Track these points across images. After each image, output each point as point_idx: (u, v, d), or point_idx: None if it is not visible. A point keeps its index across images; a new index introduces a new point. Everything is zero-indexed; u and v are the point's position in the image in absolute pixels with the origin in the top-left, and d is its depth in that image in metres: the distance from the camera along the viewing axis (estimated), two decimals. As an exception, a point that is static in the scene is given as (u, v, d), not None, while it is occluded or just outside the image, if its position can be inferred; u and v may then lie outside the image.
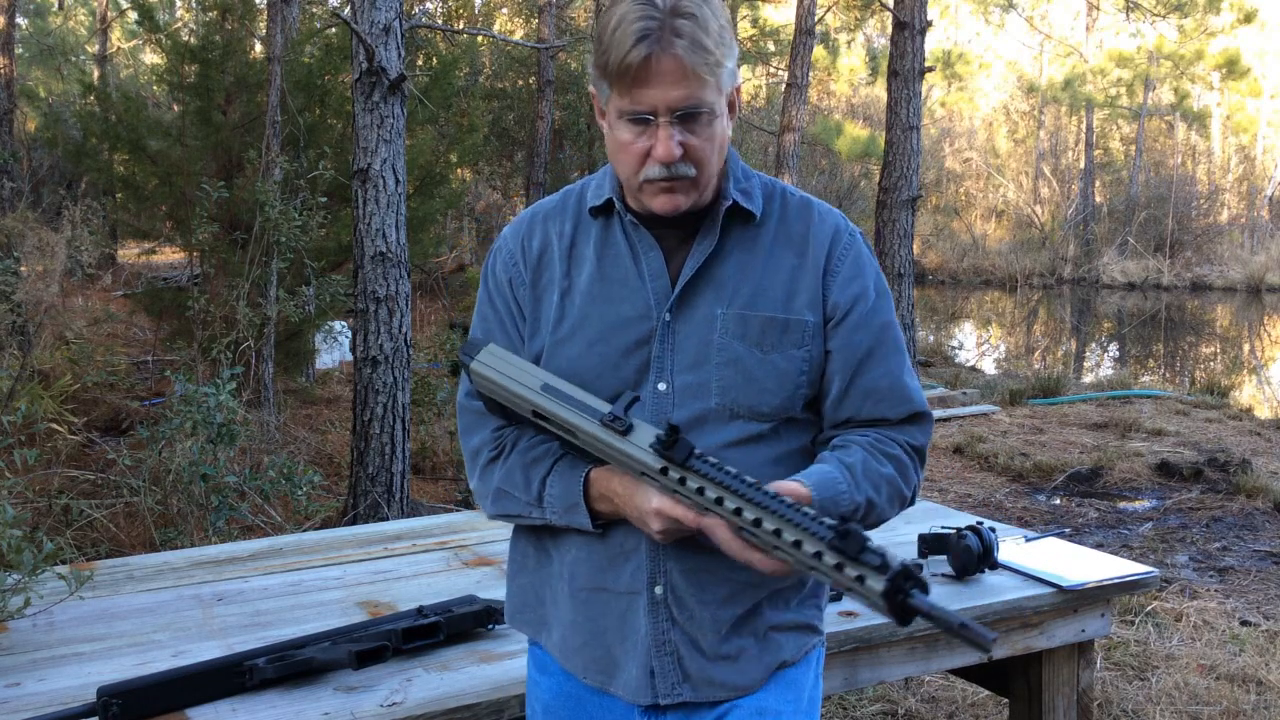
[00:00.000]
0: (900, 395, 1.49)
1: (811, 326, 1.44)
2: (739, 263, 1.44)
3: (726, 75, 1.36)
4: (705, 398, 1.41)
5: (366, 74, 4.79)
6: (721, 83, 1.35)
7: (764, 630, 1.47)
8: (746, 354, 1.41)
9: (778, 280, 1.44)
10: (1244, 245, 24.31)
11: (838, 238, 1.49)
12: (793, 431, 1.47)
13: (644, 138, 1.34)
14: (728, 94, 1.38)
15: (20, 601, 1.98)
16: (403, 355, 4.96)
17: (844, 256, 1.48)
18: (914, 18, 9.31)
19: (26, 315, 6.59)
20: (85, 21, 23.77)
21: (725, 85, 1.36)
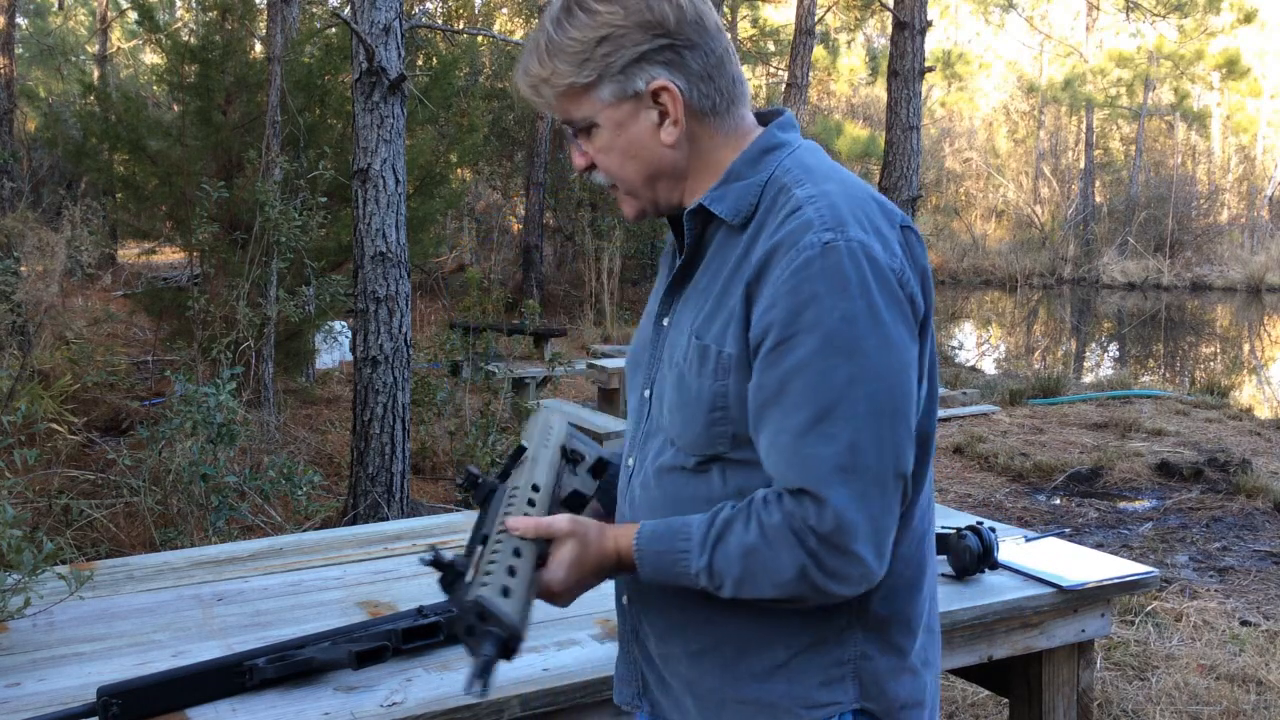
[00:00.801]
0: (788, 460, 1.20)
1: (727, 359, 1.25)
2: (710, 275, 1.32)
3: (593, 90, 1.29)
4: (660, 412, 1.35)
5: (366, 74, 4.79)
6: (589, 97, 1.29)
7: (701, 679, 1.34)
8: (687, 376, 1.29)
9: (728, 300, 1.27)
10: (1244, 245, 24.32)
11: (778, 248, 1.22)
12: (737, 475, 1.28)
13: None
14: (609, 103, 1.29)
15: (20, 601, 1.98)
16: (403, 355, 4.96)
17: (778, 273, 1.20)
18: (914, 18, 9.31)
19: (26, 315, 6.59)
20: (85, 21, 23.77)
21: (599, 96, 1.29)
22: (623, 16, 1.26)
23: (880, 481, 1.19)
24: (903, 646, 1.32)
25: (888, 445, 1.19)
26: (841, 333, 1.17)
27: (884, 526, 1.20)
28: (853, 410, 1.17)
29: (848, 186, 1.27)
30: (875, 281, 1.19)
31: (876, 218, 1.24)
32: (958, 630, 2.12)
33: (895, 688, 1.32)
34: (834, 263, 1.18)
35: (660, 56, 1.27)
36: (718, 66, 1.31)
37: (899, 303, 1.21)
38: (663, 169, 1.33)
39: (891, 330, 1.19)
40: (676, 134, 1.31)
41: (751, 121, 1.37)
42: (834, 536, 1.18)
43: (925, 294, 1.26)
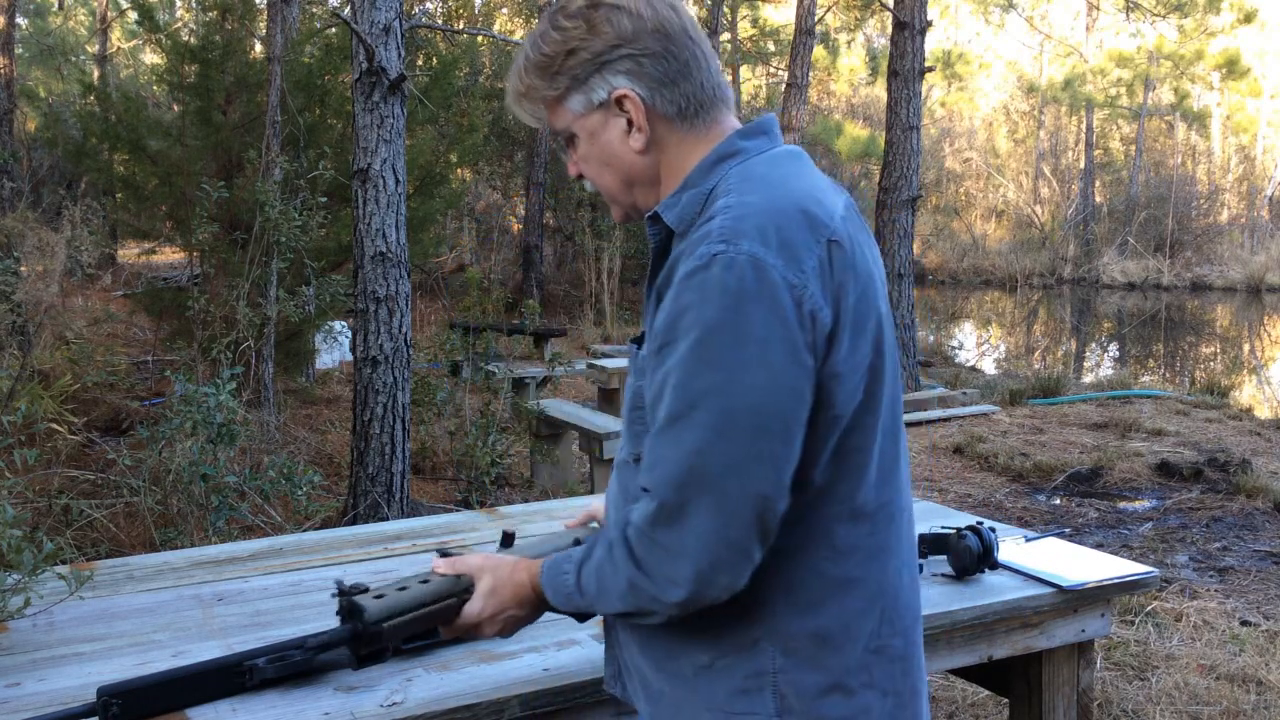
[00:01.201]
0: (647, 457, 1.26)
1: (642, 360, 1.31)
2: (662, 279, 1.35)
3: (565, 101, 1.37)
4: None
5: (366, 74, 4.79)
6: (563, 108, 1.37)
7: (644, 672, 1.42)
8: (629, 377, 1.38)
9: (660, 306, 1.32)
10: (1244, 245, 24.33)
11: (681, 255, 1.26)
12: None
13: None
14: (580, 114, 1.36)
15: (20, 601, 1.98)
16: (403, 355, 4.96)
17: (676, 279, 1.24)
18: (914, 18, 9.31)
19: (26, 315, 6.59)
20: (85, 21, 23.78)
21: (572, 107, 1.37)
22: (585, 30, 1.33)
23: (720, 494, 1.20)
24: (829, 665, 1.31)
25: (735, 461, 1.19)
26: (706, 343, 1.19)
27: (723, 540, 1.20)
28: (704, 420, 1.19)
29: (773, 198, 1.26)
30: (756, 297, 1.18)
31: (790, 231, 1.23)
32: (958, 630, 2.12)
33: (822, 707, 1.31)
34: (715, 274, 1.19)
35: (620, 65, 1.33)
36: (682, 72, 1.34)
37: (783, 321, 1.19)
38: (635, 175, 1.38)
39: (762, 348, 1.19)
40: (643, 140, 1.35)
41: (728, 127, 1.38)
42: (660, 537, 1.22)
43: (840, 312, 1.24)
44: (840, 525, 1.30)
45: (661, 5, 1.35)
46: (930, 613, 2.07)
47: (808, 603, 1.30)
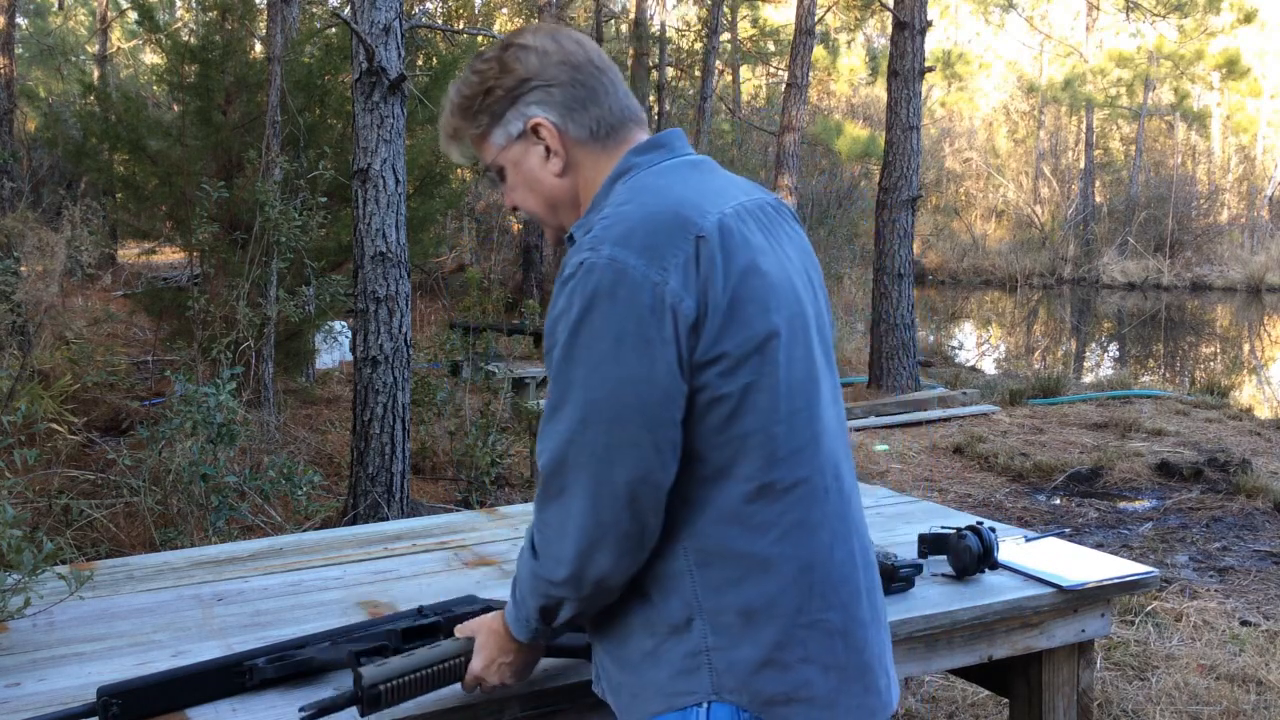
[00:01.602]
0: (539, 468, 1.39)
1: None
2: None
3: (489, 136, 1.49)
4: None
5: (366, 74, 4.79)
6: (488, 143, 1.50)
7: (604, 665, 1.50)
8: None
9: None
10: (1244, 245, 24.33)
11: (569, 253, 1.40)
12: None
13: None
14: (503, 146, 1.49)
15: (20, 601, 1.98)
16: (403, 355, 4.96)
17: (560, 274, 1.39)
18: (914, 18, 9.31)
19: (26, 315, 6.59)
20: (85, 21, 23.77)
21: (495, 141, 1.49)
22: (498, 70, 1.47)
23: (589, 478, 1.31)
24: (759, 639, 1.35)
25: (600, 447, 1.30)
26: (571, 342, 1.31)
27: (596, 520, 1.32)
28: (571, 412, 1.32)
29: (647, 204, 1.36)
30: (612, 296, 1.29)
31: (655, 234, 1.32)
32: (958, 630, 2.12)
33: (757, 682, 1.36)
34: (579, 279, 1.31)
35: (532, 97, 1.46)
36: (590, 97, 1.46)
37: (639, 317, 1.29)
38: (557, 198, 1.50)
39: (617, 344, 1.29)
40: (560, 163, 1.47)
41: (635, 140, 1.49)
42: (544, 518, 1.37)
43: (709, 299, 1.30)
44: (751, 504, 1.36)
45: (566, 40, 1.48)
46: (930, 613, 2.08)
47: (727, 580, 1.36)
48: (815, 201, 19.31)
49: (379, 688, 1.53)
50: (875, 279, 9.74)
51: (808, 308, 1.44)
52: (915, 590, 2.17)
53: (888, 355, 9.46)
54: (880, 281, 9.60)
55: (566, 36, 1.49)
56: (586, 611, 1.42)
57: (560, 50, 1.46)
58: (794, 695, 1.37)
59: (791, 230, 1.51)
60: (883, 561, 2.13)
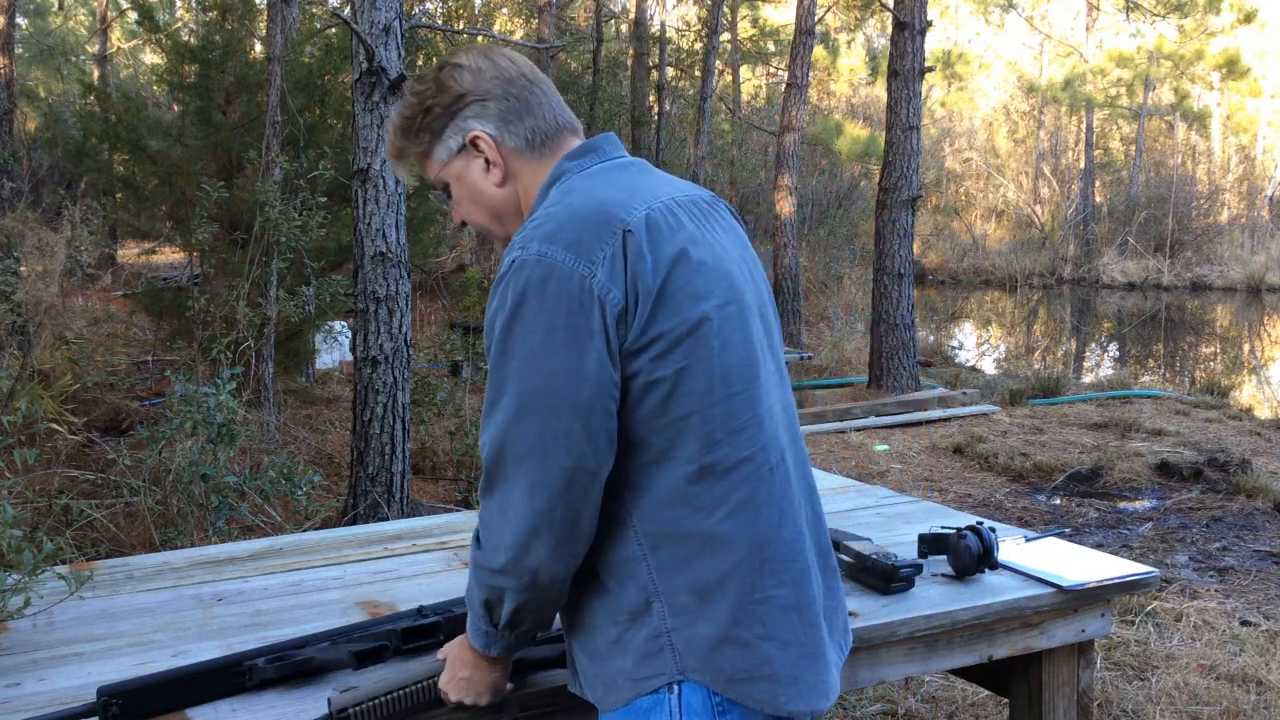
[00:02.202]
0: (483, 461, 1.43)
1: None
2: None
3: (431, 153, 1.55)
4: None
5: (366, 74, 4.79)
6: (431, 160, 1.56)
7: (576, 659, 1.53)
8: None
9: None
10: (1244, 245, 24.32)
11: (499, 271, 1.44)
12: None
13: None
14: (445, 162, 1.54)
15: (20, 601, 1.98)
16: (403, 355, 4.96)
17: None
18: (914, 18, 9.31)
19: (26, 315, 6.59)
20: (85, 21, 23.77)
21: (437, 158, 1.55)
22: (435, 89, 1.53)
23: (525, 468, 1.35)
24: (715, 618, 1.38)
25: (534, 438, 1.34)
26: (504, 338, 1.36)
27: (532, 508, 1.35)
28: (506, 405, 1.36)
29: (574, 204, 1.41)
30: (541, 291, 1.34)
31: (582, 230, 1.37)
32: (958, 630, 2.12)
33: (718, 660, 1.39)
34: (509, 276, 1.37)
35: (468, 111, 1.51)
36: (524, 109, 1.51)
37: (567, 309, 1.33)
38: (500, 208, 1.54)
39: (548, 337, 1.34)
40: (499, 174, 1.52)
41: (570, 147, 1.54)
42: (486, 507, 1.40)
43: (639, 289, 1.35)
44: (694, 484, 1.39)
45: (499, 57, 1.54)
46: (930, 613, 2.08)
47: (679, 560, 1.39)
48: (815, 201, 19.31)
49: (348, 712, 1.57)
50: (875, 279, 9.74)
51: (747, 295, 1.47)
52: (915, 590, 2.17)
53: (888, 355, 9.47)
54: (880, 281, 9.60)
55: (499, 54, 1.55)
56: (530, 607, 1.43)
57: (493, 67, 1.53)
58: (755, 673, 1.39)
59: (727, 222, 1.55)
60: (883, 561, 2.13)
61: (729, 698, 1.39)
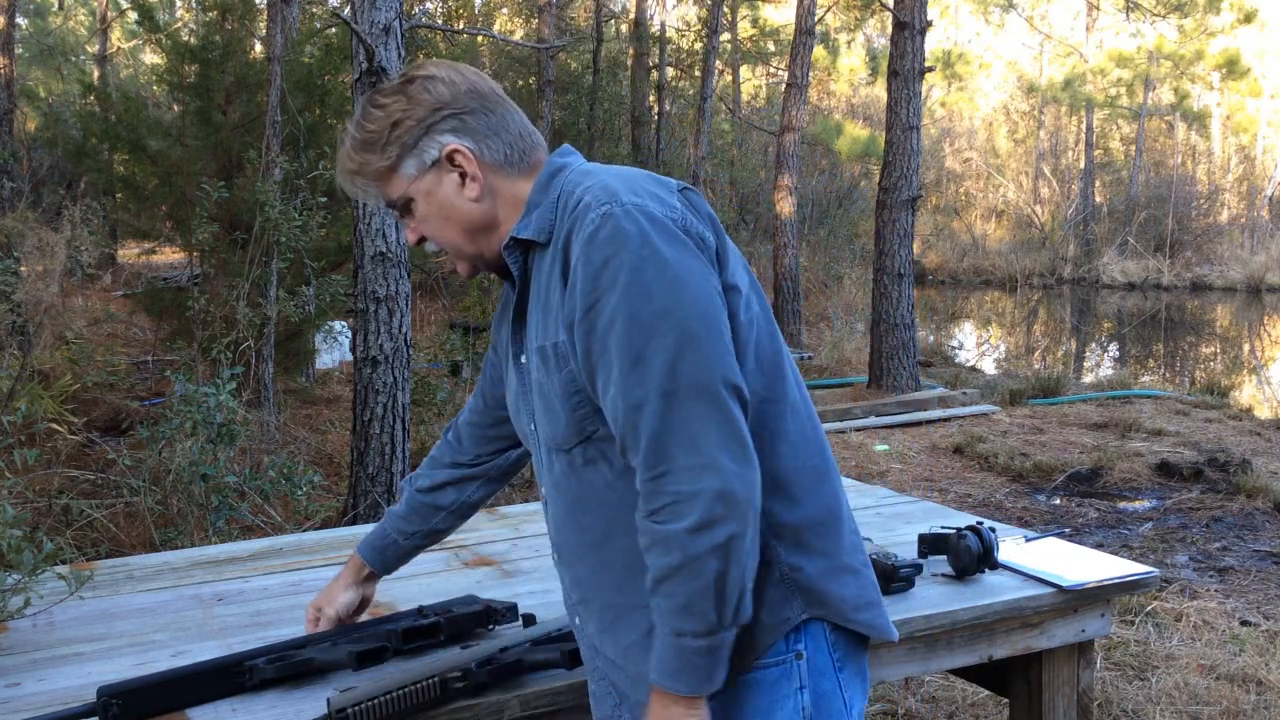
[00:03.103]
0: (621, 408, 1.30)
1: (563, 346, 1.37)
2: (535, 295, 1.46)
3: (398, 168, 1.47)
4: (541, 431, 1.49)
5: (366, 74, 4.79)
6: (396, 176, 1.48)
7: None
8: (545, 383, 1.43)
9: (553, 300, 1.40)
10: (1244, 245, 24.31)
11: (571, 234, 1.36)
12: (613, 446, 1.37)
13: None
14: (414, 176, 1.47)
15: (20, 601, 1.98)
16: (403, 355, 4.96)
17: (575, 253, 1.34)
18: (914, 18, 9.31)
19: (26, 315, 6.59)
20: (85, 21, 23.77)
21: (404, 173, 1.47)
22: (405, 103, 1.46)
23: (707, 395, 1.27)
24: (828, 549, 1.41)
25: (704, 361, 1.28)
26: (635, 282, 1.29)
27: (732, 433, 1.28)
28: (663, 343, 1.27)
29: (619, 172, 1.41)
30: (654, 230, 1.31)
31: (650, 185, 1.38)
32: (958, 630, 2.12)
33: (839, 589, 1.40)
34: (613, 226, 1.30)
35: (445, 125, 1.46)
36: (501, 124, 1.48)
37: (683, 243, 1.33)
38: (475, 223, 1.48)
39: (679, 266, 1.30)
40: (478, 189, 1.47)
41: (544, 159, 1.52)
42: (679, 462, 1.26)
43: (717, 234, 1.39)
44: (787, 422, 1.40)
45: (468, 71, 1.49)
46: (930, 613, 2.08)
47: (793, 497, 1.39)
48: (815, 201, 19.30)
49: (348, 712, 1.57)
50: (875, 279, 9.74)
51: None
52: (915, 590, 2.17)
53: (888, 355, 9.47)
54: (880, 281, 9.60)
55: (466, 69, 1.51)
56: (752, 554, 1.29)
57: (465, 80, 1.48)
58: (870, 599, 1.44)
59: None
60: (882, 561, 2.13)
61: (852, 631, 1.41)
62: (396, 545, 1.87)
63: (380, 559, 1.88)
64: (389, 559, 1.89)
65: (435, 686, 1.63)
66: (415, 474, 1.90)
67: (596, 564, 1.45)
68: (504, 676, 1.72)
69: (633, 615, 1.41)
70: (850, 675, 1.42)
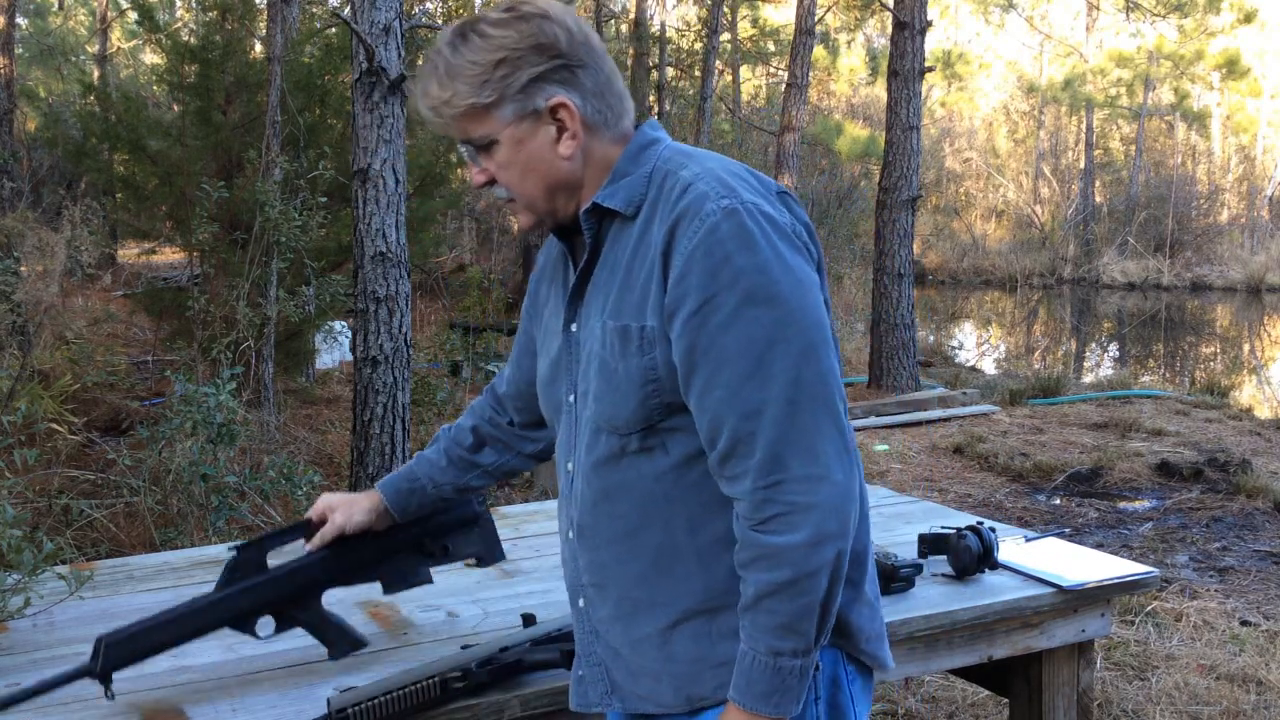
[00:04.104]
0: (726, 410, 1.26)
1: (651, 331, 1.32)
2: (610, 267, 1.39)
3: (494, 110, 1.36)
4: (588, 408, 1.41)
5: (366, 74, 4.79)
6: (490, 117, 1.37)
7: (677, 655, 1.39)
8: (611, 362, 1.36)
9: (637, 279, 1.34)
10: (1244, 245, 24.30)
11: (680, 220, 1.30)
12: (679, 443, 1.35)
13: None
14: (510, 121, 1.37)
15: (20, 601, 1.98)
16: (403, 355, 4.96)
17: (684, 244, 1.29)
18: (914, 18, 9.31)
19: (26, 315, 6.59)
20: (85, 21, 23.76)
21: (500, 115, 1.36)
22: (516, 39, 1.34)
23: (829, 405, 1.28)
24: (857, 580, 1.40)
25: (825, 372, 1.28)
26: (760, 284, 1.26)
27: (845, 445, 1.29)
28: (786, 349, 1.25)
29: (725, 163, 1.38)
30: (775, 234, 1.29)
31: (758, 184, 1.36)
32: (958, 630, 2.12)
33: (859, 620, 1.40)
34: (738, 223, 1.27)
35: (556, 76, 1.36)
36: (607, 84, 1.40)
37: (800, 249, 1.32)
38: (560, 181, 1.41)
39: (799, 271, 1.29)
40: (574, 147, 1.39)
41: (631, 128, 1.45)
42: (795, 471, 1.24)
43: (814, 242, 1.38)
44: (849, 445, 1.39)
45: (582, 22, 1.40)
46: (930, 613, 2.08)
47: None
48: (815, 201, 19.30)
49: (347, 712, 1.58)
50: (875, 279, 9.74)
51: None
52: (915, 590, 2.17)
53: (888, 355, 9.47)
54: (880, 281, 9.60)
55: (578, 17, 1.42)
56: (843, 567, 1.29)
57: (580, 29, 1.38)
58: (879, 632, 1.45)
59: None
60: (882, 561, 2.13)
61: (859, 659, 1.41)
62: (423, 492, 1.77)
63: (402, 503, 1.77)
64: (410, 506, 1.77)
65: (435, 686, 1.63)
66: (456, 425, 1.80)
67: (624, 553, 1.40)
68: (504, 676, 1.72)
69: (651, 611, 1.39)
70: (859, 691, 1.43)
